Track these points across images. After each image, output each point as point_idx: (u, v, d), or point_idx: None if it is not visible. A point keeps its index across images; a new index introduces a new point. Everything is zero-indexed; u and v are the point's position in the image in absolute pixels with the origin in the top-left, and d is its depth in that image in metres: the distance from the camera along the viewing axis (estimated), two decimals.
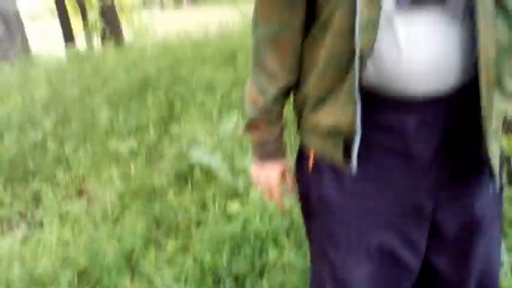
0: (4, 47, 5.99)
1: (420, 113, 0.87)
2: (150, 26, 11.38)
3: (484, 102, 0.84)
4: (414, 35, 0.81)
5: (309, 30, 0.94)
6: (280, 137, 1.07)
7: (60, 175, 2.88)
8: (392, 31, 0.81)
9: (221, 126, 3.15)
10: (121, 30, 9.84)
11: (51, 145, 3.21)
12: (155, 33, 11.11)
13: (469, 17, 0.81)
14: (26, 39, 7.28)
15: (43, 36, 11.32)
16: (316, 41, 0.92)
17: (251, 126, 1.05)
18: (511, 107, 0.95)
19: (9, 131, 3.39)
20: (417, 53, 0.81)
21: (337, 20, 0.84)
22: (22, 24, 7.14)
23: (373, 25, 0.80)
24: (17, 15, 7.07)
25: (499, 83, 0.88)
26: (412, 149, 0.89)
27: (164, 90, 3.82)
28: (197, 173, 2.65)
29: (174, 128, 3.28)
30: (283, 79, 0.99)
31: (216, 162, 2.66)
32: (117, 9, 10.60)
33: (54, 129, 3.44)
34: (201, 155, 2.74)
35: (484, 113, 0.85)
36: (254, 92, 1.02)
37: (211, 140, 2.96)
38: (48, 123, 3.43)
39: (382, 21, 0.81)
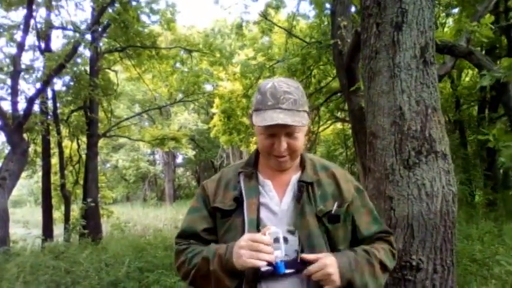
0: None
1: None
2: (128, 221, 11.99)
3: None
4: None
5: None
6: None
7: None
8: None
9: None
10: (100, 226, 10.29)
11: None
12: (132, 229, 11.66)
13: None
14: (8, 232, 7.54)
15: (23, 222, 11.52)
16: None
17: None
18: None
19: None
20: None
21: None
22: (8, 218, 7.50)
23: None
24: (4, 210, 7.49)
25: None
26: None
27: None
28: None
29: None
30: None
31: None
32: (99, 202, 11.20)
33: None
34: None
35: None
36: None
37: None
38: None
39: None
